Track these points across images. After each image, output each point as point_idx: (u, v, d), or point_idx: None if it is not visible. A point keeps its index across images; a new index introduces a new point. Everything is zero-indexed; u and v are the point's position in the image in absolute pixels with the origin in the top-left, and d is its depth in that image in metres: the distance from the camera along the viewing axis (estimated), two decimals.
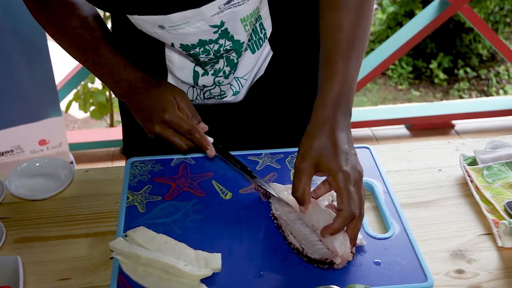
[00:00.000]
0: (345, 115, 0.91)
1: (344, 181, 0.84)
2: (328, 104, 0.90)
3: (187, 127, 1.00)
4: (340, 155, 0.86)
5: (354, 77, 0.93)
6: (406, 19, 3.93)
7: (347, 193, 0.84)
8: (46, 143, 2.29)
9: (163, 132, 1.01)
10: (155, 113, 1.01)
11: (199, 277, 0.86)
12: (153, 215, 0.99)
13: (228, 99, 1.12)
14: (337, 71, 0.92)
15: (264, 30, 1.05)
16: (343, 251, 0.86)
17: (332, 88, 0.91)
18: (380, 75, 3.92)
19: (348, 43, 0.93)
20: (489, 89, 3.86)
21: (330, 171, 0.86)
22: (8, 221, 1.02)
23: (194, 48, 0.99)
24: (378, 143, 3.09)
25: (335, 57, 0.93)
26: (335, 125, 0.89)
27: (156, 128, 1.01)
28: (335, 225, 0.84)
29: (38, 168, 1.13)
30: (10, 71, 2.09)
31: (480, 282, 0.90)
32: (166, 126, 1.01)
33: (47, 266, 0.93)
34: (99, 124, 3.44)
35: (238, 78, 1.09)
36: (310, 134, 0.90)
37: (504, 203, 1.01)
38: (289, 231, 0.93)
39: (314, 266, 0.88)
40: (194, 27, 0.95)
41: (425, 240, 0.97)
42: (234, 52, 1.03)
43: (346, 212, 0.84)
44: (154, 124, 1.01)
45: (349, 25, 0.93)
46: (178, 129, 1.01)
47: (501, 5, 4.00)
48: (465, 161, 1.13)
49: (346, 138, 0.89)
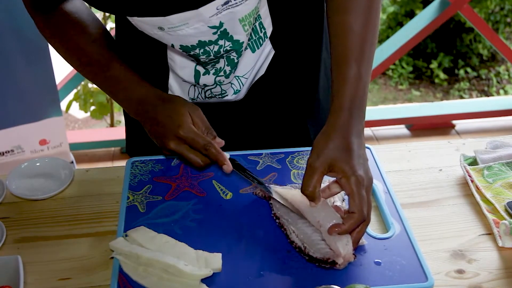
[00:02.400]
0: (359, 119, 0.92)
1: (357, 184, 0.85)
2: (344, 107, 0.91)
3: (203, 143, 0.98)
4: (355, 159, 0.87)
5: (367, 80, 0.94)
6: (407, 19, 3.93)
7: (361, 197, 0.85)
8: (46, 143, 2.29)
9: (178, 148, 0.98)
10: (169, 129, 0.99)
11: (199, 277, 0.86)
12: (153, 215, 0.99)
13: (229, 98, 1.12)
14: (350, 74, 0.92)
15: (264, 29, 1.05)
16: (346, 252, 0.86)
17: (347, 91, 0.91)
18: (381, 75, 3.92)
19: (360, 45, 0.93)
20: (489, 89, 3.86)
21: (344, 173, 0.86)
22: (9, 221, 1.02)
23: (194, 49, 0.99)
24: (378, 143, 3.09)
25: (347, 60, 0.93)
26: (351, 129, 0.90)
27: (171, 144, 0.98)
28: (345, 226, 0.85)
29: (38, 168, 1.13)
30: (10, 71, 2.09)
31: (480, 282, 0.90)
32: (182, 142, 0.99)
33: (47, 266, 0.93)
34: (100, 124, 3.44)
35: (239, 77, 1.09)
36: (326, 134, 0.90)
37: (505, 203, 1.01)
38: (291, 229, 0.93)
39: (316, 266, 0.88)
40: (193, 28, 0.95)
41: (425, 240, 0.97)
42: (234, 52, 1.03)
43: (359, 215, 0.85)
44: (169, 140, 0.99)
45: (359, 27, 0.94)
46: (194, 145, 0.98)
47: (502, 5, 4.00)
48: (466, 161, 1.13)
49: (360, 143, 0.90)
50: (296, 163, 1.11)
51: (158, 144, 1.02)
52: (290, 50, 1.12)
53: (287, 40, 1.10)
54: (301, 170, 1.09)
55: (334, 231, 0.86)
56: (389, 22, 4.09)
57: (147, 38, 1.02)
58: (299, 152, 1.14)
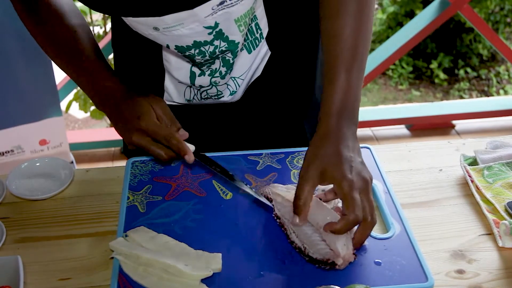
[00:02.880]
0: (349, 124, 0.91)
1: (348, 188, 0.85)
2: (332, 113, 0.90)
3: (164, 133, 0.97)
4: (344, 163, 0.86)
5: (358, 85, 0.93)
6: (407, 19, 3.93)
7: (352, 199, 0.85)
8: (46, 143, 2.29)
9: (141, 141, 0.97)
10: (130, 122, 0.98)
11: (199, 277, 0.86)
12: (153, 215, 0.99)
13: (225, 99, 1.12)
14: (339, 80, 0.91)
15: (260, 30, 1.05)
16: (345, 253, 0.86)
17: (335, 97, 0.91)
18: (381, 75, 3.92)
19: (350, 51, 0.93)
20: (489, 89, 3.86)
21: (334, 180, 0.86)
22: (9, 221, 1.02)
23: (189, 50, 0.99)
24: (378, 143, 3.09)
25: (336, 66, 0.92)
26: (339, 135, 0.89)
27: (134, 138, 0.97)
28: (338, 225, 0.85)
29: (38, 168, 1.13)
30: (10, 71, 2.09)
31: (480, 282, 0.90)
32: (144, 134, 0.97)
33: (47, 266, 0.93)
34: (100, 124, 3.44)
35: (235, 78, 1.09)
36: (315, 144, 0.90)
37: (505, 203, 1.01)
38: (292, 229, 0.93)
39: (316, 267, 0.88)
40: (188, 28, 0.94)
41: (425, 240, 0.97)
42: (229, 52, 1.03)
43: (350, 216, 0.84)
44: (131, 133, 0.97)
45: (350, 32, 0.93)
46: (155, 136, 0.97)
47: (502, 5, 4.00)
48: (466, 161, 1.13)
49: (351, 146, 0.89)
50: (296, 163, 1.11)
51: (124, 139, 1.01)
52: (286, 51, 1.12)
53: (284, 41, 1.10)
54: None
55: (327, 229, 0.86)
56: (389, 22, 4.09)
57: (143, 40, 1.02)
58: (299, 152, 1.14)
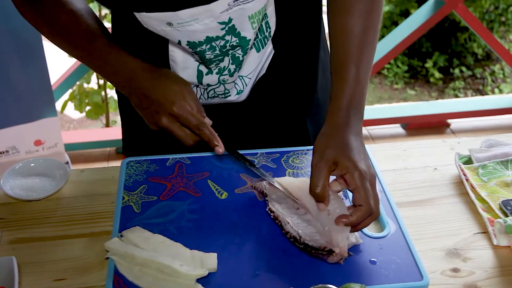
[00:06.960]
0: (357, 119, 0.93)
1: (361, 178, 0.86)
2: (342, 107, 0.92)
3: (196, 122, 0.98)
4: (356, 154, 0.88)
5: (366, 82, 0.95)
6: (402, 18, 3.94)
7: (366, 190, 0.86)
8: (41, 143, 2.29)
9: (170, 125, 0.98)
10: (162, 106, 0.98)
11: (194, 277, 0.85)
12: (148, 215, 0.99)
13: (231, 98, 1.12)
14: (349, 76, 0.93)
15: (270, 28, 1.05)
16: (343, 245, 0.87)
17: (346, 92, 0.92)
18: (376, 74, 3.93)
19: (359, 47, 0.94)
20: (484, 88, 3.87)
21: (347, 169, 0.87)
22: (3, 221, 1.01)
23: (201, 45, 0.99)
24: (373, 142, 3.09)
25: (346, 62, 0.94)
26: (349, 128, 0.91)
27: (163, 121, 0.98)
28: (353, 218, 0.86)
29: (33, 169, 1.12)
30: (5, 71, 2.08)
31: (475, 280, 0.90)
32: (174, 119, 0.98)
33: (42, 267, 0.93)
34: (95, 124, 3.44)
35: (243, 77, 1.09)
36: (326, 134, 0.91)
37: (499, 201, 1.02)
38: (286, 220, 0.93)
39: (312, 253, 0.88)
40: (202, 24, 0.94)
41: (420, 238, 0.97)
42: (240, 49, 1.02)
43: (366, 207, 0.86)
44: (161, 116, 0.98)
45: (359, 29, 0.95)
46: (187, 123, 0.98)
47: (496, 4, 4.01)
48: (461, 160, 1.14)
49: (360, 140, 0.91)
50: (291, 163, 1.11)
51: (146, 119, 1.01)
52: (289, 49, 1.12)
53: (287, 40, 1.10)
54: (296, 170, 1.09)
55: (341, 222, 0.87)
56: (384, 21, 4.09)
57: (147, 40, 1.02)
58: (294, 152, 1.14)
